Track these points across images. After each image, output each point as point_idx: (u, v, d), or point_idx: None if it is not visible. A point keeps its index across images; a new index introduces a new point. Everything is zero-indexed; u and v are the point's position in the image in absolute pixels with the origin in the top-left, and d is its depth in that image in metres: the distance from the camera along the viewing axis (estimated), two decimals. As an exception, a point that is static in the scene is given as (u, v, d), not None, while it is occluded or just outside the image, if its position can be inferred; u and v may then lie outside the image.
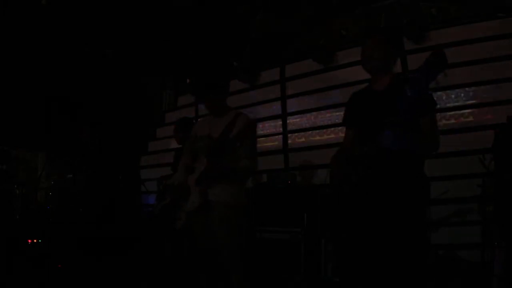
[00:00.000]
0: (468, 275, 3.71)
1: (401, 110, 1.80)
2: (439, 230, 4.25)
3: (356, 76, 4.01)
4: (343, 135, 2.47)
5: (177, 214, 2.79)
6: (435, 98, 2.11)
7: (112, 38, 6.26)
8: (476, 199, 3.93)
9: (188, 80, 7.13)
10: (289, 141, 5.86)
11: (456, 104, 4.56)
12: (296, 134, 5.84)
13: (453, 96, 4.54)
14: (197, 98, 7.02)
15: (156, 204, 4.20)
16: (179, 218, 2.76)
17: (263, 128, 6.08)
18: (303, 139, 5.79)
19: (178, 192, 2.77)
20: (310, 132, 5.71)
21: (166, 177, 4.40)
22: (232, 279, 2.54)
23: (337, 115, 5.36)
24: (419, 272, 2.04)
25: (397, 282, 2.00)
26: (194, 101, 7.23)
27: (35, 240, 4.71)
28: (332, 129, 5.47)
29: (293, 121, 5.89)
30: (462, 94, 4.50)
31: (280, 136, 5.93)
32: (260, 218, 4.45)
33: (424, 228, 2.17)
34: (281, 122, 5.93)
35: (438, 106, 2.15)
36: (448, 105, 4.57)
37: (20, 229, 4.88)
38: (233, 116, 2.71)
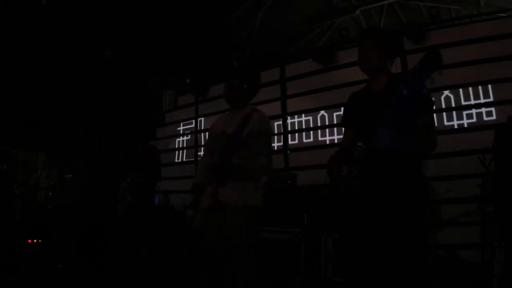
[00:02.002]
0: (468, 275, 3.71)
1: (398, 110, 1.80)
2: (439, 230, 4.26)
3: (356, 76, 4.01)
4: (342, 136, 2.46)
5: (194, 214, 2.72)
6: (433, 98, 2.11)
7: (112, 38, 6.26)
8: (476, 199, 3.93)
9: (188, 80, 7.13)
10: (289, 141, 5.87)
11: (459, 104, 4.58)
12: (296, 134, 5.84)
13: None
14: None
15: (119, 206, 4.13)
16: (195, 218, 2.69)
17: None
18: (303, 139, 5.80)
19: (196, 192, 2.64)
20: (310, 132, 5.72)
21: (124, 178, 4.32)
22: (240, 280, 2.47)
23: (337, 115, 5.38)
24: (419, 272, 2.04)
25: (397, 282, 2.00)
26: (194, 101, 7.24)
27: (35, 240, 4.70)
28: (332, 129, 5.48)
29: (293, 121, 5.90)
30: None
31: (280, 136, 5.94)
32: (260, 218, 4.44)
33: (424, 228, 2.16)
34: (281, 122, 5.94)
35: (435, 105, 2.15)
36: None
37: (20, 229, 4.87)
38: (248, 112, 2.57)
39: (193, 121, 7.20)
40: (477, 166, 3.60)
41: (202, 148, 6.97)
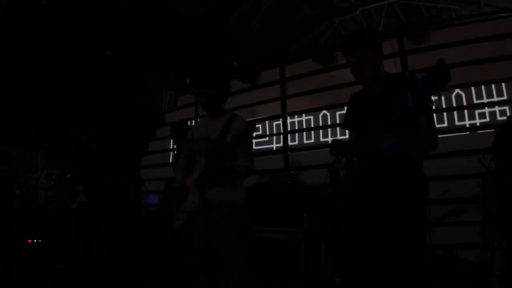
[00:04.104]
0: (468, 275, 3.71)
1: (398, 112, 1.81)
2: (439, 230, 4.26)
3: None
4: (343, 135, 2.47)
5: (176, 215, 2.80)
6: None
7: (112, 38, 6.26)
8: (476, 199, 3.93)
9: (188, 80, 7.13)
10: (289, 141, 5.87)
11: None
12: (296, 134, 5.84)
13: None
14: (196, 96, 7.04)
15: (165, 205, 4.22)
16: (178, 218, 2.77)
17: (263, 128, 6.10)
18: (303, 139, 5.80)
19: (177, 193, 2.78)
20: (311, 132, 5.72)
21: (171, 179, 4.44)
22: (233, 278, 2.55)
23: (339, 115, 5.37)
24: (417, 272, 2.04)
25: (395, 282, 2.01)
26: (194, 101, 7.23)
27: (35, 240, 4.70)
28: (334, 129, 5.48)
29: (293, 121, 5.90)
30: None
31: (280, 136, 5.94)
32: (260, 218, 4.44)
33: (422, 229, 2.16)
34: (281, 122, 5.93)
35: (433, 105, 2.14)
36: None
37: (20, 229, 4.87)
38: (229, 117, 2.75)
39: (193, 121, 7.19)
40: (477, 166, 3.60)
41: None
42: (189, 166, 2.85)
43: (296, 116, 5.87)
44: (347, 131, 2.50)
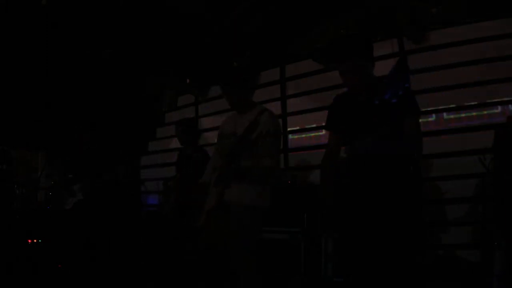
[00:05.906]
0: (468, 275, 3.71)
1: (381, 114, 1.85)
2: (439, 230, 4.26)
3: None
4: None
5: (198, 214, 2.74)
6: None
7: (112, 38, 6.26)
8: (476, 199, 3.93)
9: (188, 80, 7.13)
10: (289, 141, 5.87)
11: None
12: (296, 133, 5.84)
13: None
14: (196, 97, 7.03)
15: (163, 204, 4.22)
16: (199, 218, 2.70)
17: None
18: (303, 139, 5.80)
19: (200, 192, 2.70)
20: (310, 132, 5.71)
21: (170, 179, 4.44)
22: (241, 280, 2.49)
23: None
24: (410, 271, 2.05)
25: (390, 282, 2.02)
26: (194, 101, 7.24)
27: (35, 240, 4.70)
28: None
29: (293, 121, 5.90)
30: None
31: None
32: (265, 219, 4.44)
33: (415, 227, 2.17)
34: (281, 122, 5.93)
35: (421, 110, 2.15)
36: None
37: (20, 229, 4.87)
38: (257, 112, 2.58)
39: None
40: (477, 166, 3.59)
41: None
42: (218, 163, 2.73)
43: (296, 116, 5.87)
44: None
